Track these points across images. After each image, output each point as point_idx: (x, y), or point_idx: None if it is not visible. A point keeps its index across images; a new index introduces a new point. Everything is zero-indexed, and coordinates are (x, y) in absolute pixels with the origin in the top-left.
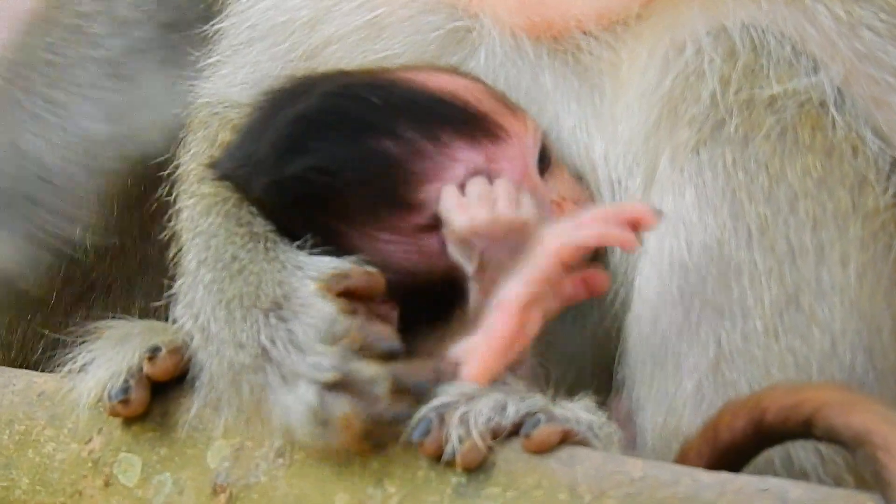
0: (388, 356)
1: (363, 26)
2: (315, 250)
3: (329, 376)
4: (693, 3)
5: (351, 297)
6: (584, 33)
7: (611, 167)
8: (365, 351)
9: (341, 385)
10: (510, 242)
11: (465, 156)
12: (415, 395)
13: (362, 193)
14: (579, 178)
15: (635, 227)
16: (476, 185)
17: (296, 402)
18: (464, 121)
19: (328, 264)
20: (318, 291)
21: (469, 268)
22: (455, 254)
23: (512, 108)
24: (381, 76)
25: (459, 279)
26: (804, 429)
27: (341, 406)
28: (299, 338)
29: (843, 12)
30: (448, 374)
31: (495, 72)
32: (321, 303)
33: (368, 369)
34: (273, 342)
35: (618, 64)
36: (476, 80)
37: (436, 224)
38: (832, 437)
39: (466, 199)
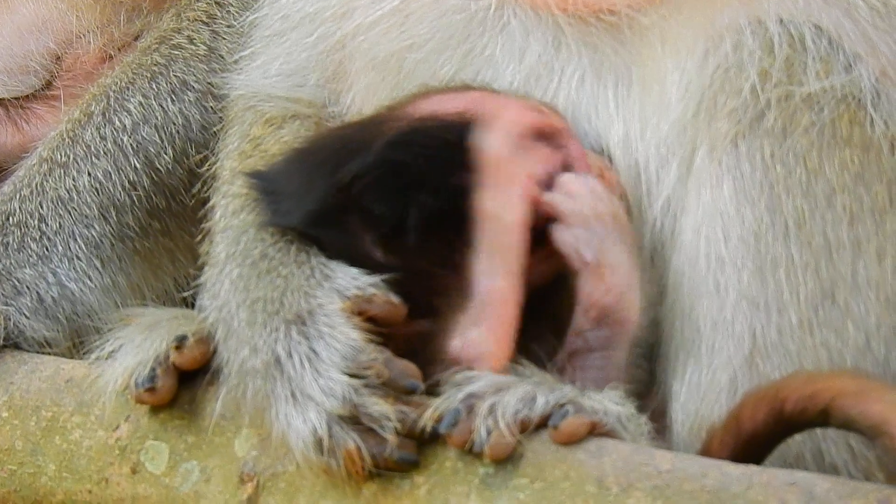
0: (407, 393)
1: (388, 14)
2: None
3: (340, 408)
4: None
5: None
6: (612, 13)
7: (638, 154)
8: (387, 386)
9: (351, 418)
10: (616, 232)
11: (537, 157)
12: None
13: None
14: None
15: None
16: (579, 179)
17: (302, 425)
18: (519, 130)
19: (355, 280)
20: (345, 313)
21: (588, 255)
22: (571, 244)
23: (541, 107)
24: (422, 116)
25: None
26: (822, 418)
27: (348, 440)
28: (321, 359)
29: (881, 3)
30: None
31: (520, 51)
32: (348, 327)
33: (380, 407)
34: (289, 355)
35: (648, 49)
36: (480, 87)
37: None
38: (849, 427)
39: (575, 192)
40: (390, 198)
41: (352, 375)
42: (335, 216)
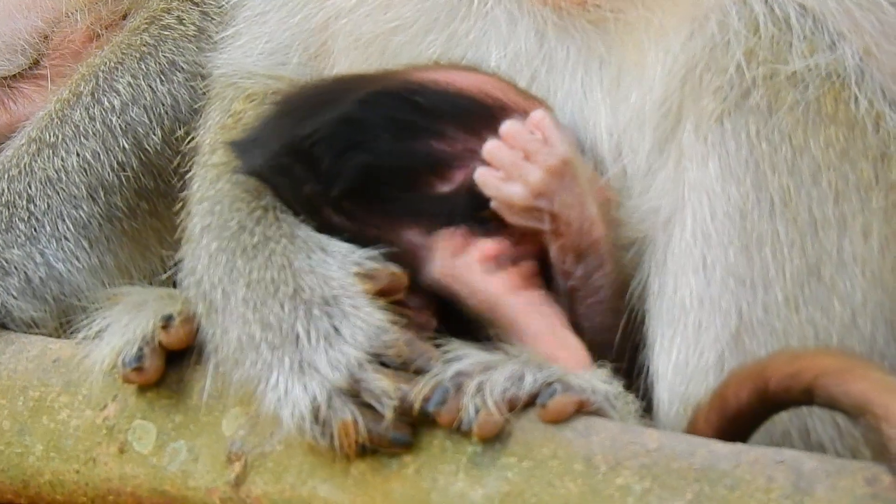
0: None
1: None
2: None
3: (342, 380)
4: None
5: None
6: (598, 6)
7: (621, 135)
8: (407, 366)
9: (350, 391)
10: (567, 182)
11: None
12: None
13: (409, 185)
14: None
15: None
16: (507, 150)
17: (303, 394)
18: (493, 112)
19: (352, 255)
20: (367, 294)
21: (545, 227)
22: (524, 224)
23: (525, 94)
24: (409, 78)
25: None
26: (805, 397)
27: (346, 412)
28: (344, 337)
29: None
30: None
31: (504, 38)
32: (372, 308)
33: (381, 383)
34: (308, 333)
35: (633, 31)
36: (490, 73)
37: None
38: (833, 405)
39: (508, 167)
40: (339, 153)
41: (371, 354)
42: (289, 163)
